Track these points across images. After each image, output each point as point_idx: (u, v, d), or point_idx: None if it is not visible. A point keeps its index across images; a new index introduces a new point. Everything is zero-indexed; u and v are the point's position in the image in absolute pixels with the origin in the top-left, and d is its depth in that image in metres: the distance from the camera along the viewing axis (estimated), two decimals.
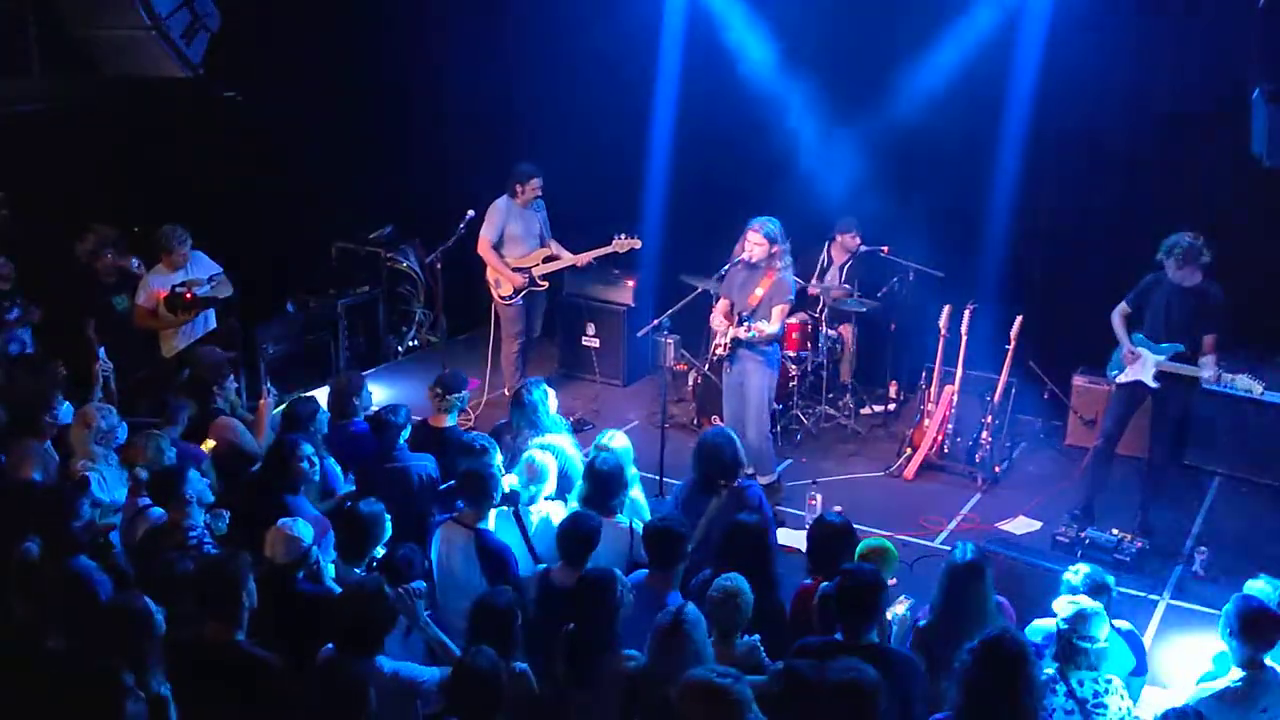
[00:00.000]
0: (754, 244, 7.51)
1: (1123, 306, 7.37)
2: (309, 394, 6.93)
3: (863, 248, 9.19)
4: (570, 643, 4.58)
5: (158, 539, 5.26)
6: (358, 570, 5.21)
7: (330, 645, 4.48)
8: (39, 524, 5.03)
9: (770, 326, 7.51)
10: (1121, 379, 7.37)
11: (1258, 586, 5.04)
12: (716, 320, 7.87)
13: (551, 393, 6.80)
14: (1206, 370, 6.94)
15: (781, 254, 7.58)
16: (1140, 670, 5.02)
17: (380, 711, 4.18)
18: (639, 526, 5.57)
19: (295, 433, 6.13)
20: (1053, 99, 8.67)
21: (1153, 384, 7.20)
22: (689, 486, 6.24)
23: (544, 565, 5.40)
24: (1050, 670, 4.45)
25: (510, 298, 9.25)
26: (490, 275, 9.26)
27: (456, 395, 6.76)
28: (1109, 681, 4.45)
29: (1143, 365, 7.22)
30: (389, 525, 5.34)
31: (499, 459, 5.97)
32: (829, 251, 9.37)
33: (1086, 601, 4.58)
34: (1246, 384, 6.91)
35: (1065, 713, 4.38)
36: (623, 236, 9.09)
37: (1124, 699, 4.45)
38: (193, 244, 8.27)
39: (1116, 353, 7.37)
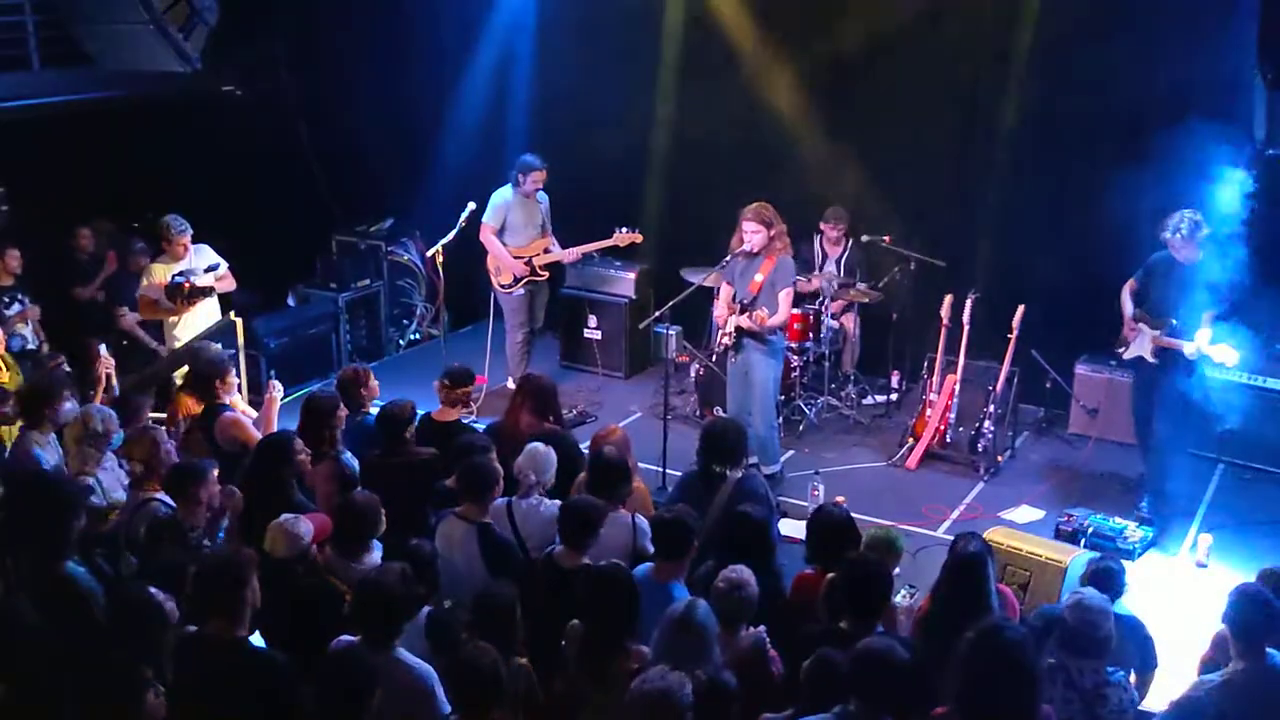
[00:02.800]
0: (751, 232, 7.49)
1: (1131, 283, 7.44)
2: (329, 387, 6.84)
3: (865, 237, 9.17)
4: (583, 642, 4.51)
5: (160, 533, 5.26)
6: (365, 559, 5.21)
7: (343, 637, 4.46)
8: (38, 521, 5.00)
9: (779, 314, 7.52)
10: (1127, 355, 7.44)
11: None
12: (720, 311, 7.86)
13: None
14: (1189, 345, 6.95)
15: (780, 235, 7.57)
16: (1145, 660, 5.03)
17: (400, 704, 4.18)
18: (641, 520, 5.58)
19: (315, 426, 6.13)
20: (1052, 85, 8.65)
21: (1152, 359, 7.22)
22: (691, 477, 6.23)
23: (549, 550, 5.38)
24: (1051, 659, 4.45)
25: (510, 286, 9.24)
26: (491, 263, 9.25)
27: (464, 389, 6.76)
28: (1111, 672, 4.44)
29: (1142, 341, 7.27)
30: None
31: None
32: (821, 245, 9.37)
33: (1090, 591, 4.58)
34: (1222, 354, 6.90)
35: (1065, 703, 4.35)
36: (624, 230, 9.09)
37: (1126, 690, 4.44)
38: (194, 236, 8.30)
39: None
